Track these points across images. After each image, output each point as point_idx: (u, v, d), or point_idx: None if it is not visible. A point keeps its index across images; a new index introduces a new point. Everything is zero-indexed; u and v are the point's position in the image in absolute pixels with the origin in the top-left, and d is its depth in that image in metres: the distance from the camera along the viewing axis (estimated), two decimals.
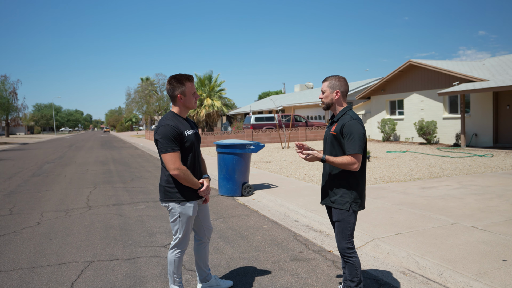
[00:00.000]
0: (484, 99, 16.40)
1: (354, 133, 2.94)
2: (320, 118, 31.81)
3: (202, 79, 35.77)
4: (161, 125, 3.07)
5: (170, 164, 3.00)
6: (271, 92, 70.61)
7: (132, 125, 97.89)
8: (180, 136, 3.07)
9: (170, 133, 3.03)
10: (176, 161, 3.01)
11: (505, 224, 5.11)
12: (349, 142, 2.96)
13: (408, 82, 20.22)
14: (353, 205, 3.05)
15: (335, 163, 2.97)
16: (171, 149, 3.01)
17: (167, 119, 3.10)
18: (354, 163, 2.95)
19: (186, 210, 3.12)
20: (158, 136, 3.05)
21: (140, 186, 9.86)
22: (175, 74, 3.17)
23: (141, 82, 56.88)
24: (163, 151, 3.03)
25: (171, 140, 3.02)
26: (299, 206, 6.72)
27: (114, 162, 16.72)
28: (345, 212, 3.05)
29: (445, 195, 7.07)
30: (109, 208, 7.29)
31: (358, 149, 2.95)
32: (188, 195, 3.11)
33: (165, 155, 3.02)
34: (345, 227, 3.05)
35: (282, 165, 12.63)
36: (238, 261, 4.36)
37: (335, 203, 3.08)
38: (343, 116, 3.08)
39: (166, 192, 3.13)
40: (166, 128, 3.04)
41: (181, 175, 3.01)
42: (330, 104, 3.16)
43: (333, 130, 3.09)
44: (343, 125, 3.00)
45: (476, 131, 16.69)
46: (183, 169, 3.03)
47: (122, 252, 4.75)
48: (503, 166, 10.40)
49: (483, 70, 17.93)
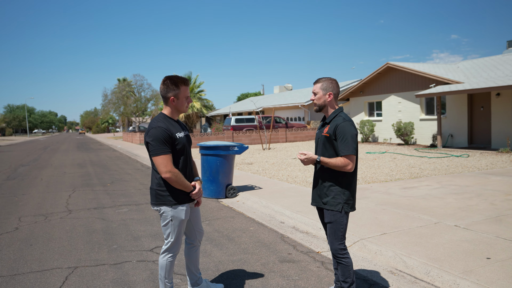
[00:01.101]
0: (460, 101, 16.86)
1: (347, 135, 2.97)
2: (299, 119, 32.03)
3: None
4: (152, 127, 3.01)
5: (162, 167, 2.95)
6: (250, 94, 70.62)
7: (109, 127, 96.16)
8: (172, 139, 3.02)
9: (162, 135, 2.97)
10: (168, 164, 2.96)
11: (486, 223, 5.25)
12: (342, 144, 2.98)
13: (386, 84, 20.59)
14: (345, 206, 3.07)
15: (329, 164, 2.99)
16: (163, 151, 2.96)
17: (158, 121, 3.05)
18: (348, 164, 2.97)
19: (178, 213, 3.07)
20: (149, 139, 2.99)
21: (121, 188, 9.68)
22: (171, 75, 3.12)
23: (118, 83, 55.90)
24: (154, 153, 2.97)
25: (163, 143, 2.97)
26: (284, 207, 6.73)
27: (92, 164, 16.37)
28: (337, 214, 3.06)
29: (426, 195, 7.21)
30: (91, 212, 7.12)
31: (351, 150, 2.98)
32: (180, 198, 3.07)
33: (156, 158, 2.96)
34: (338, 228, 3.07)
35: (264, 166, 12.64)
36: (227, 264, 4.33)
37: (327, 204, 3.09)
38: (335, 118, 3.10)
39: (157, 196, 3.07)
40: (157, 130, 2.98)
41: (173, 178, 2.96)
42: (323, 106, 3.18)
43: (325, 131, 3.10)
44: (336, 127, 3.02)
45: (452, 132, 17.14)
46: (175, 172, 2.98)
47: (107, 257, 4.64)
48: (479, 166, 10.70)
49: (458, 73, 18.43)
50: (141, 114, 54.26)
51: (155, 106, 52.15)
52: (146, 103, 53.18)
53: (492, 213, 5.71)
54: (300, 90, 40.25)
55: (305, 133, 25.91)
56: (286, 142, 25.10)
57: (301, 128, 26.50)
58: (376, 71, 20.57)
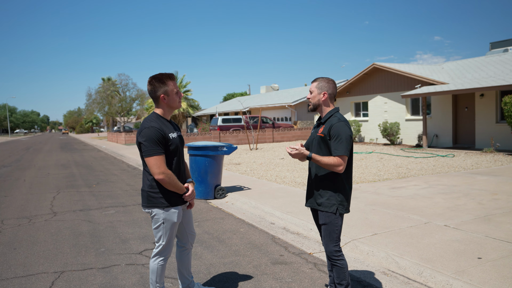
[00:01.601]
0: (444, 101, 17.08)
1: (342, 135, 2.93)
2: (286, 119, 32.06)
3: None
4: (145, 127, 2.93)
5: (155, 168, 2.86)
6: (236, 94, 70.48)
7: (93, 127, 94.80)
8: (165, 139, 2.94)
9: (155, 136, 2.89)
10: (161, 165, 2.88)
11: (475, 222, 5.29)
12: (336, 144, 2.94)
13: (372, 84, 20.75)
14: (340, 208, 3.03)
15: (321, 162, 2.95)
16: (156, 152, 2.88)
17: (151, 121, 2.96)
18: (339, 165, 2.93)
19: (170, 216, 2.99)
20: (142, 139, 2.90)
21: (107, 190, 9.50)
22: (155, 74, 3.03)
23: (102, 83, 55.15)
24: (147, 154, 2.88)
25: (156, 143, 2.89)
26: (274, 208, 6.68)
27: (77, 165, 16.07)
28: (332, 215, 3.02)
29: (414, 194, 7.26)
30: (76, 214, 6.95)
31: (345, 151, 2.94)
32: (172, 200, 2.99)
33: (149, 159, 2.88)
34: (332, 230, 3.03)
35: (252, 166, 12.58)
36: (218, 267, 4.26)
37: (321, 205, 3.05)
38: (330, 118, 3.07)
39: (149, 198, 2.99)
40: (150, 130, 2.90)
41: (166, 180, 2.88)
42: (317, 105, 3.14)
43: (320, 131, 3.06)
44: (330, 127, 2.99)
45: (437, 132, 17.36)
46: (169, 173, 2.90)
47: (94, 261, 4.52)
48: (465, 166, 10.84)
49: (442, 74, 18.68)
50: (126, 114, 53.63)
51: (140, 106, 51.65)
52: (131, 103, 52.60)
53: (480, 213, 5.76)
54: (286, 90, 40.32)
55: (292, 133, 25.94)
56: (273, 142, 25.09)
57: (288, 128, 26.53)
58: (363, 72, 20.71)
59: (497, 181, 8.23)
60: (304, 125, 29.23)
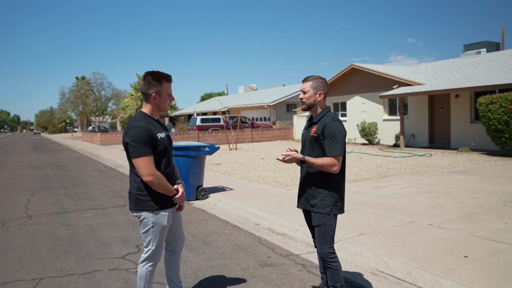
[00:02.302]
0: (421, 102, 17.42)
1: (337, 135, 2.89)
2: (265, 119, 32.07)
3: None
4: (132, 126, 2.80)
5: (143, 170, 2.74)
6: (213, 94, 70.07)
7: (66, 127, 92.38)
8: (153, 139, 2.82)
9: (143, 136, 2.77)
10: (150, 166, 2.75)
11: (458, 221, 5.37)
12: (331, 144, 2.89)
13: (350, 85, 20.97)
14: (333, 209, 2.98)
15: (315, 164, 2.89)
16: (144, 153, 2.75)
17: (138, 120, 2.83)
18: (334, 165, 2.88)
19: (160, 219, 2.86)
20: (129, 139, 2.77)
21: (84, 192, 9.21)
22: (152, 70, 2.91)
23: (76, 81, 53.79)
24: (135, 155, 2.75)
25: (144, 143, 2.76)
26: (258, 209, 6.61)
27: (51, 166, 15.57)
28: (326, 216, 2.97)
29: (396, 194, 7.32)
30: (53, 217, 6.69)
31: (339, 151, 2.90)
32: (162, 202, 2.87)
33: (137, 160, 2.75)
34: (327, 231, 2.97)
35: (233, 167, 12.48)
36: (205, 270, 4.15)
37: (315, 207, 3.00)
38: (323, 118, 3.01)
39: (137, 201, 2.85)
40: (138, 130, 2.77)
41: (155, 182, 2.76)
42: (312, 105, 3.07)
43: (313, 131, 3.01)
44: (324, 126, 2.93)
45: (414, 132, 17.68)
46: (158, 174, 2.78)
47: (75, 266, 4.33)
48: (442, 165, 11.05)
49: (419, 75, 19.05)
50: (101, 113, 52.52)
51: (116, 105, 50.67)
52: (106, 102, 51.54)
53: (462, 211, 5.85)
54: (265, 90, 40.35)
55: (271, 133, 25.95)
56: (252, 142, 25.03)
57: (267, 128, 26.53)
58: (341, 72, 20.90)
59: (474, 180, 8.41)
60: (283, 125, 29.29)
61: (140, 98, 34.14)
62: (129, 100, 36.02)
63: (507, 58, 17.20)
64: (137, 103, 34.41)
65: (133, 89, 36.05)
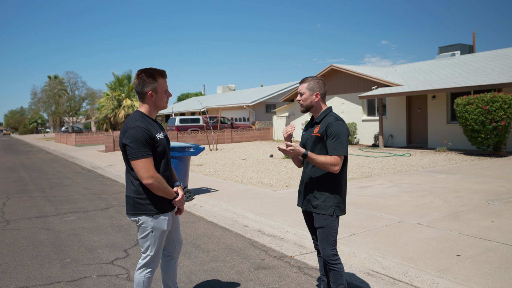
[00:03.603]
0: (399, 102, 17.73)
1: (341, 135, 2.85)
2: (244, 120, 31.99)
3: (120, 78, 34.01)
4: (130, 127, 2.67)
5: (143, 172, 2.62)
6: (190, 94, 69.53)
7: (38, 127, 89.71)
8: (152, 140, 2.70)
9: (142, 136, 2.65)
10: (150, 168, 2.64)
11: (445, 220, 5.44)
12: (334, 143, 2.85)
13: (330, 85, 21.14)
14: (336, 210, 2.94)
15: (316, 161, 2.84)
16: (144, 154, 2.64)
17: (136, 120, 2.71)
18: (336, 165, 2.84)
19: (160, 223, 2.75)
20: (127, 140, 2.65)
21: (63, 194, 8.90)
22: (146, 68, 2.80)
23: (49, 81, 52.29)
24: (134, 157, 2.63)
25: (143, 145, 2.64)
26: (246, 210, 6.54)
27: (25, 168, 15.02)
28: (329, 218, 2.93)
29: (382, 193, 7.39)
30: (32, 222, 6.42)
31: (343, 151, 2.86)
32: (161, 206, 2.75)
33: (136, 162, 2.63)
34: (330, 233, 2.93)
35: (215, 167, 12.35)
36: (199, 274, 4.04)
37: (317, 208, 2.95)
38: (326, 117, 2.97)
39: (136, 205, 2.73)
40: (136, 131, 2.65)
41: (155, 184, 2.65)
42: (310, 106, 3.03)
43: (316, 132, 2.96)
44: (328, 125, 2.89)
45: (392, 132, 17.98)
46: (158, 177, 2.67)
47: (61, 273, 4.15)
48: (423, 164, 11.26)
49: (396, 76, 19.40)
50: (74, 114, 51.23)
51: (91, 105, 49.56)
52: (80, 102, 50.32)
53: (448, 210, 5.94)
54: (244, 91, 40.28)
55: (250, 134, 25.89)
56: (232, 142, 24.90)
57: (247, 128, 26.45)
58: (320, 73, 21.05)
59: (455, 179, 8.59)
60: (262, 126, 29.28)
61: (116, 98, 33.53)
62: (104, 100, 35.34)
63: (480, 60, 17.72)
64: (113, 103, 33.80)
65: (109, 89, 35.37)
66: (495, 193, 7.03)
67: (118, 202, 7.92)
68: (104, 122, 37.67)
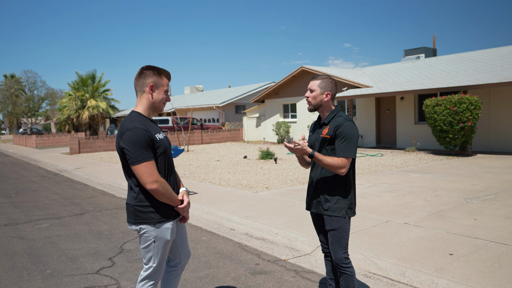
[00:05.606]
0: (369, 103, 18.10)
1: (352, 136, 2.79)
2: (214, 121, 31.71)
3: (84, 78, 32.80)
4: (128, 128, 2.47)
5: (146, 177, 2.44)
6: None
7: None
8: (153, 141, 2.52)
9: (142, 138, 2.46)
10: (153, 172, 2.46)
11: (430, 219, 5.53)
12: (344, 145, 2.79)
13: (300, 86, 21.29)
14: (349, 211, 2.88)
15: (323, 162, 2.77)
16: (145, 158, 2.45)
17: (133, 121, 2.51)
18: (343, 167, 2.78)
19: (163, 233, 2.57)
20: (126, 144, 2.45)
21: (32, 200, 8.41)
22: (150, 65, 2.63)
23: (4, 80, 49.74)
24: (135, 161, 2.44)
25: (144, 147, 2.46)
26: (230, 213, 6.40)
27: None
28: (341, 220, 2.86)
29: (363, 193, 7.46)
30: (2, 230, 5.99)
31: (352, 153, 2.80)
32: (165, 213, 2.57)
33: (138, 167, 2.44)
34: (342, 235, 2.87)
35: (189, 169, 12.09)
36: (194, 282, 3.88)
37: (329, 210, 2.87)
38: (335, 118, 2.90)
39: (137, 213, 2.54)
40: (135, 133, 2.45)
41: (160, 190, 2.47)
42: (319, 105, 2.95)
43: (325, 133, 2.88)
44: (337, 126, 2.82)
45: (362, 133, 18.32)
46: (162, 181, 2.49)
47: (44, 286, 3.86)
48: (395, 164, 11.51)
49: (365, 78, 19.80)
50: (32, 115, 49.03)
51: (51, 106, 47.60)
52: (40, 103, 48.20)
53: (431, 209, 6.06)
54: (212, 91, 39.92)
55: (220, 135, 25.67)
56: (202, 144, 24.59)
57: (217, 129, 26.20)
58: (291, 74, 21.17)
59: (430, 178, 8.81)
60: (232, 127, 29.11)
61: (80, 99, 32.27)
62: (67, 100, 33.92)
63: (444, 63, 18.40)
64: (77, 103, 32.52)
65: (71, 89, 34.00)
66: (471, 191, 7.25)
67: (93, 207, 7.56)
68: (66, 123, 36.22)
